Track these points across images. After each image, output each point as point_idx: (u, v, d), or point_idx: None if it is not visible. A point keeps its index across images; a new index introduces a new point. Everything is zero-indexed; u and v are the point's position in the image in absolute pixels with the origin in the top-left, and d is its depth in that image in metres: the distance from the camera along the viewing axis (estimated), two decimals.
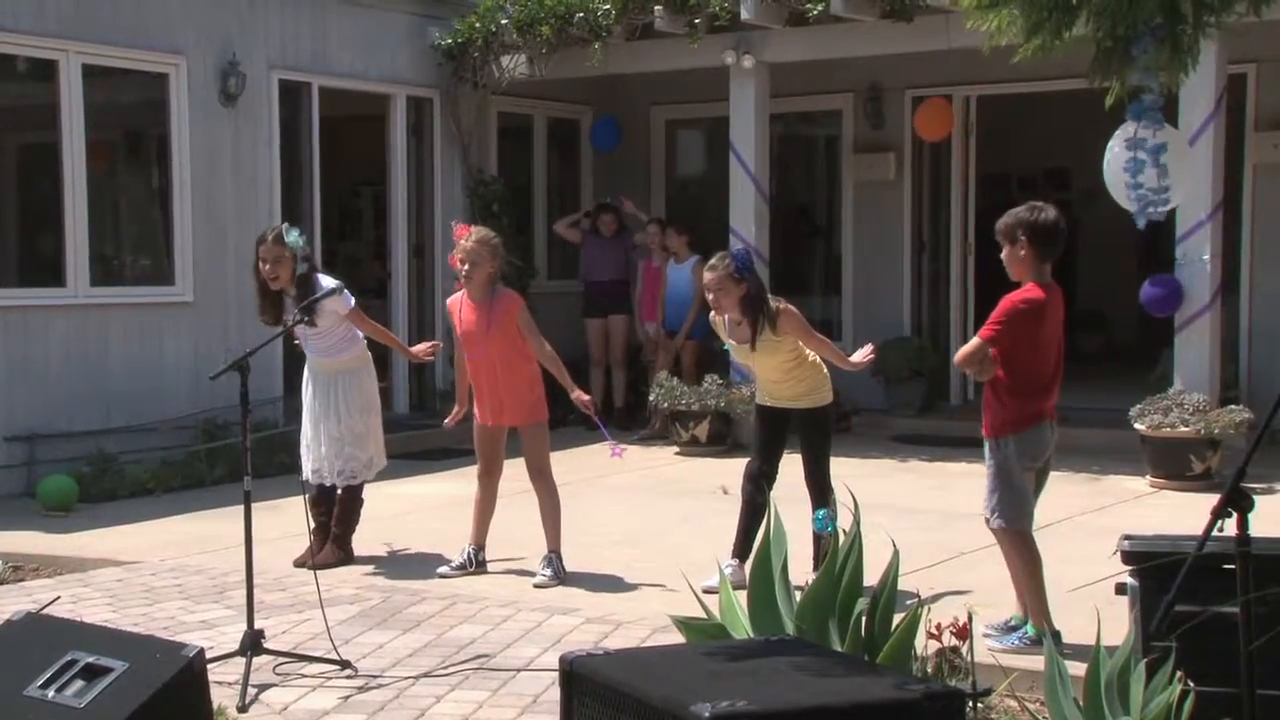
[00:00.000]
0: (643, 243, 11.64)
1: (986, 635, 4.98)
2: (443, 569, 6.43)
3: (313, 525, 6.57)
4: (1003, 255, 5.09)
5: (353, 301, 6.55)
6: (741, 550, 6.01)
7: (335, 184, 12.44)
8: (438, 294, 11.48)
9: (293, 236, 6.43)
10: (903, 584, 4.37)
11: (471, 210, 11.56)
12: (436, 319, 11.50)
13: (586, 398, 6.38)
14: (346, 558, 6.69)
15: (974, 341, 5.00)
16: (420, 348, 6.90)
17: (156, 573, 6.61)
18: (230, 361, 5.07)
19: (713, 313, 6.15)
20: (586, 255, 11.81)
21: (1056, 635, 4.87)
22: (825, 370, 6.13)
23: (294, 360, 6.85)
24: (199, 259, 9.63)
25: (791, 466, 6.13)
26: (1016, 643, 4.96)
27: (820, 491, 5.99)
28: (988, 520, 5.18)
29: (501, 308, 6.32)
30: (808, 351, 6.06)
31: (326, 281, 6.45)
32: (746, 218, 10.38)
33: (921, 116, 11.22)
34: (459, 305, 6.46)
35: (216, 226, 9.73)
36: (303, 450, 6.61)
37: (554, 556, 6.34)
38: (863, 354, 6.02)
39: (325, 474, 6.60)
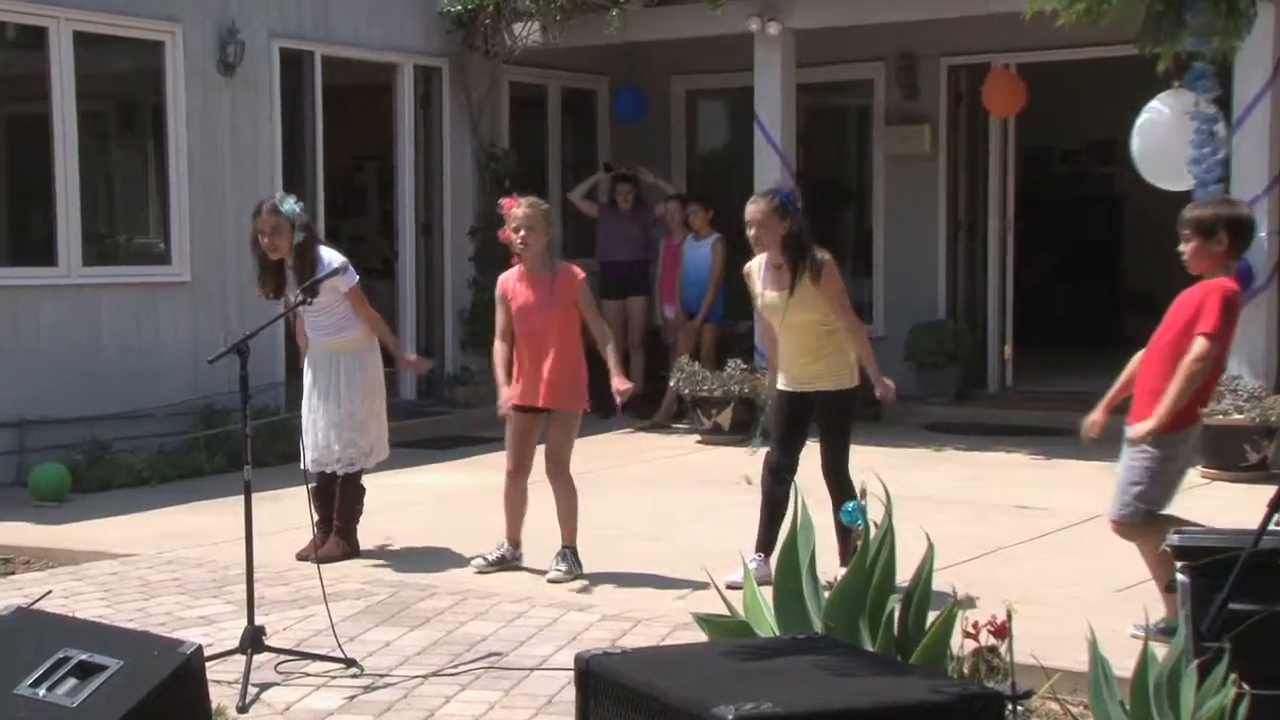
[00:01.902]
0: (663, 217, 11.61)
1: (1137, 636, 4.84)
2: (478, 560, 6.41)
3: (316, 517, 6.58)
4: (1187, 247, 5.09)
5: (356, 280, 6.56)
6: (766, 544, 6.01)
7: (339, 158, 12.44)
8: (448, 275, 11.49)
9: (289, 205, 6.46)
10: (937, 580, 4.35)
11: (482, 185, 11.56)
12: (447, 303, 11.51)
13: (627, 386, 6.30)
14: (352, 550, 6.70)
15: (1201, 343, 4.93)
16: (413, 358, 6.90)
17: (153, 566, 6.63)
18: (230, 344, 5.07)
19: (749, 263, 6.11)
20: (603, 232, 11.78)
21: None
22: (850, 353, 6.08)
23: (296, 342, 6.86)
24: (196, 237, 9.64)
25: (816, 457, 6.10)
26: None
27: (839, 487, 5.95)
28: (1120, 518, 5.09)
29: (564, 280, 6.29)
30: (832, 325, 6.02)
31: (328, 254, 6.48)
32: None
33: (990, 89, 11.11)
34: (512, 281, 6.38)
35: (214, 202, 9.74)
36: (303, 437, 6.60)
37: (569, 551, 6.34)
38: (886, 386, 6.00)
39: (325, 461, 6.61)
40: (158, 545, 7.02)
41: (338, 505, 6.70)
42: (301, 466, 6.50)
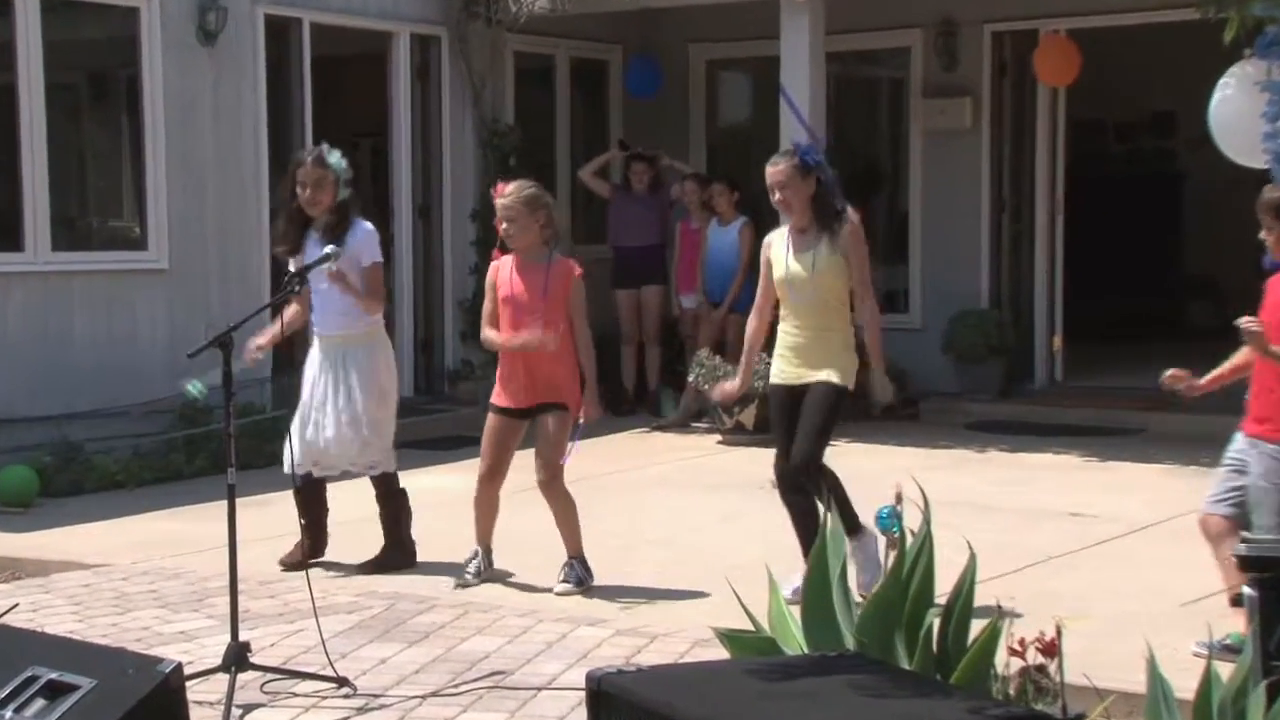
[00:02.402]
0: (679, 198, 11.60)
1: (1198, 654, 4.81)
2: (466, 576, 6.41)
3: (301, 521, 6.61)
4: (1269, 235, 5.04)
5: (379, 257, 6.61)
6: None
7: (330, 134, 12.41)
8: (447, 262, 11.50)
9: (335, 158, 6.53)
10: (980, 593, 4.34)
11: (485, 164, 11.57)
12: (447, 292, 11.52)
13: (594, 414, 6.34)
14: (406, 559, 6.70)
15: None
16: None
17: (128, 577, 6.65)
18: (211, 337, 5.08)
19: (770, 234, 6.10)
20: (615, 216, 11.77)
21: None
22: (854, 355, 6.07)
23: (292, 340, 6.86)
24: (175, 220, 9.66)
25: (845, 458, 6.09)
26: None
27: (810, 472, 5.87)
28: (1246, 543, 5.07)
29: (559, 274, 6.31)
30: (847, 313, 6.01)
31: (363, 225, 6.55)
32: None
33: (1041, 57, 11.07)
34: (505, 268, 6.40)
35: (194, 184, 9.76)
36: (293, 438, 6.57)
37: (576, 562, 6.34)
38: (885, 388, 5.98)
39: (331, 464, 6.57)
40: (133, 554, 7.04)
41: (381, 512, 6.70)
42: (291, 469, 6.52)
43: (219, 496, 5.10)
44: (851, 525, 5.81)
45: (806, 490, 5.93)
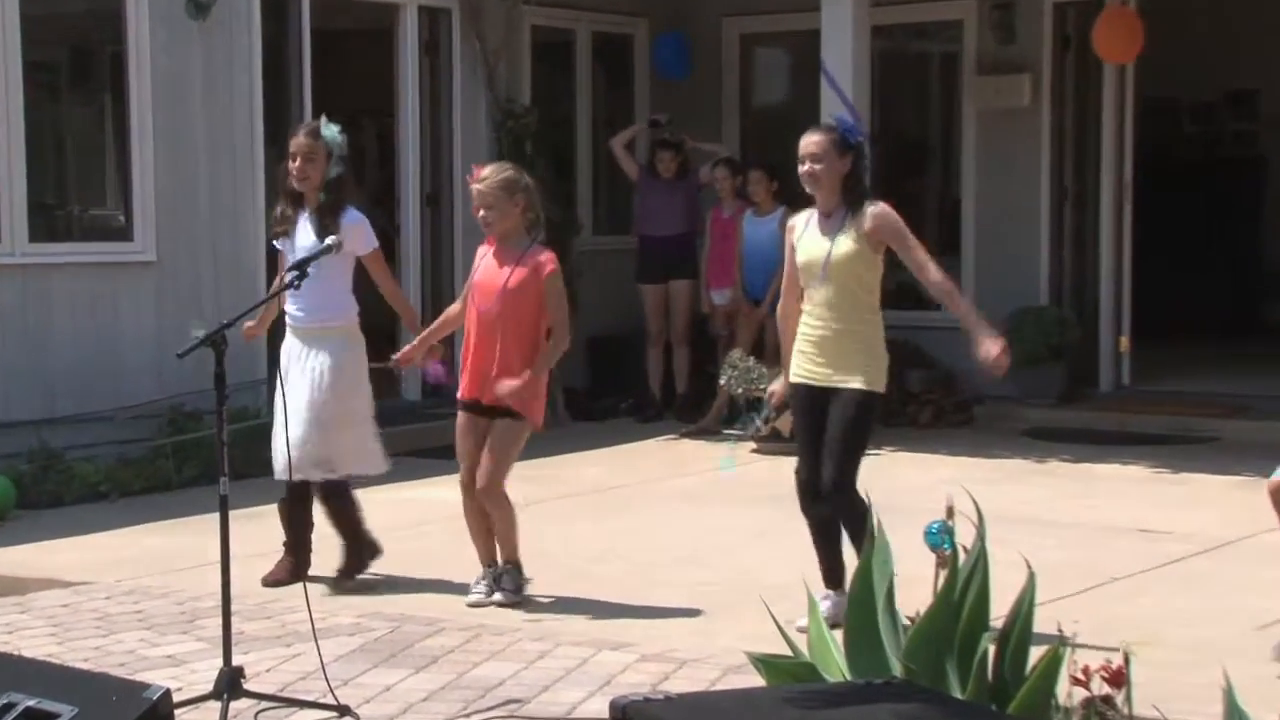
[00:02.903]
0: (709, 183, 11.59)
1: None
2: (473, 597, 6.45)
3: (285, 538, 6.73)
4: None
5: (376, 243, 6.63)
6: (832, 578, 6.00)
7: (331, 115, 12.47)
8: (458, 253, 11.51)
9: (330, 131, 6.59)
10: (1040, 615, 4.32)
11: (499, 148, 11.56)
12: (457, 284, 11.52)
13: (513, 384, 6.24)
14: (371, 552, 6.78)
15: None
16: (422, 342, 6.79)
17: (111, 596, 6.68)
18: (203, 335, 5.10)
19: (795, 216, 6.11)
20: (642, 204, 11.78)
21: None
22: (886, 355, 6.04)
23: (283, 330, 6.89)
24: (163, 209, 9.69)
25: (891, 469, 6.08)
26: None
27: (840, 507, 5.86)
28: None
29: (531, 264, 6.36)
30: (876, 306, 5.98)
31: (354, 213, 6.59)
32: None
33: (1101, 31, 11.02)
34: (483, 255, 6.53)
35: (184, 168, 9.79)
36: (275, 436, 6.60)
37: (512, 568, 6.45)
38: (993, 343, 5.87)
39: (304, 465, 6.61)
40: (118, 571, 7.06)
41: (332, 520, 6.74)
42: (282, 476, 6.53)
43: (211, 508, 5.12)
44: (839, 578, 5.83)
45: (827, 499, 5.92)
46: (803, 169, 5.98)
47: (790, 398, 6.18)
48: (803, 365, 6.04)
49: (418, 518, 8.14)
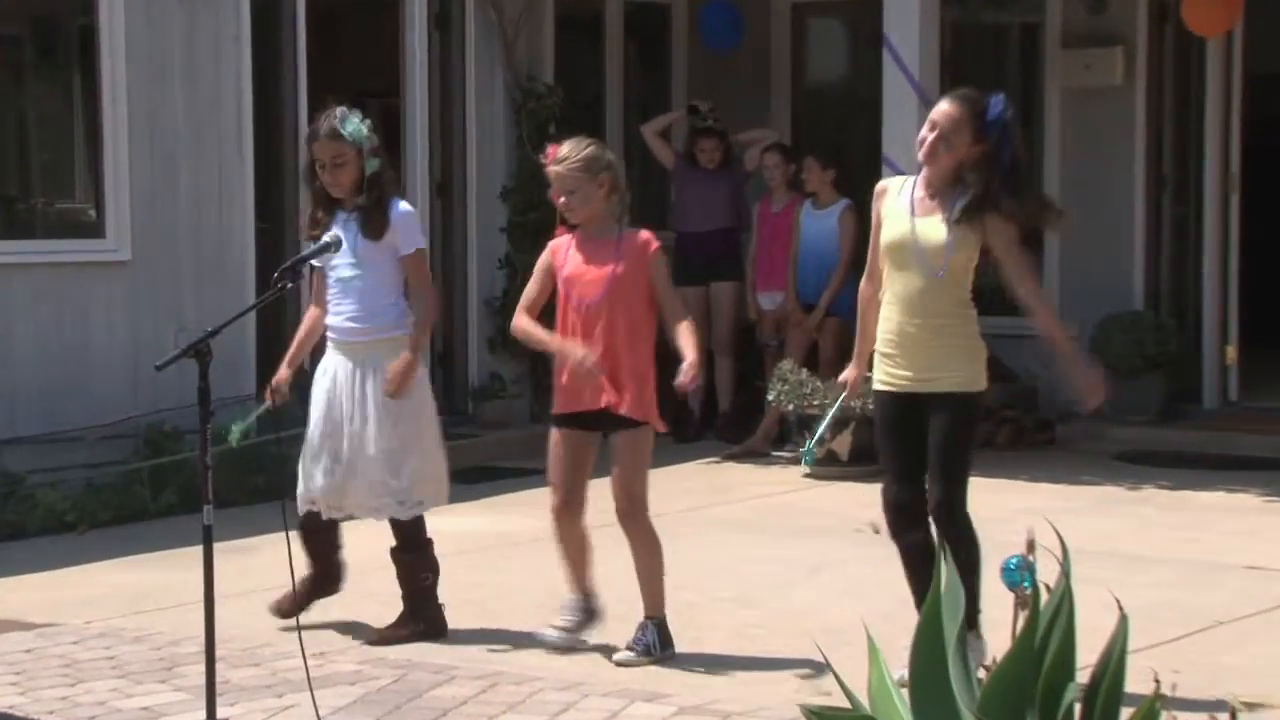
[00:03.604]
0: (756, 168, 11.59)
1: None
2: (548, 634, 6.42)
3: (310, 570, 6.66)
4: None
5: (423, 241, 6.63)
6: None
7: (328, 97, 12.52)
8: (472, 252, 11.55)
9: (353, 124, 6.52)
10: (1134, 664, 4.30)
11: (519, 132, 11.61)
12: (470, 288, 11.56)
13: (692, 361, 6.11)
14: (428, 628, 6.62)
15: None
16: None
17: (80, 639, 6.71)
18: (184, 345, 5.12)
19: (885, 181, 6.01)
20: (680, 196, 11.80)
21: None
22: (984, 349, 5.99)
23: (275, 341, 6.91)
24: (139, 202, 9.75)
25: (972, 494, 6.05)
26: None
27: (953, 529, 5.81)
28: None
29: (632, 249, 6.31)
30: (969, 299, 5.91)
31: (398, 206, 6.57)
32: (906, 141, 10.29)
33: (1191, 1, 11.01)
34: (564, 247, 6.39)
35: (163, 157, 9.84)
36: (306, 466, 6.60)
37: (651, 625, 6.30)
38: (1091, 379, 5.85)
39: (369, 505, 6.56)
40: (87, 612, 7.09)
41: (398, 571, 6.66)
42: (302, 506, 6.51)
43: (192, 540, 5.14)
44: (972, 617, 5.76)
45: (923, 523, 5.86)
46: (924, 135, 5.81)
47: (875, 408, 6.07)
48: (887, 369, 5.92)
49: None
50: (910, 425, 5.89)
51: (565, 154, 6.32)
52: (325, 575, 6.75)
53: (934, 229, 5.82)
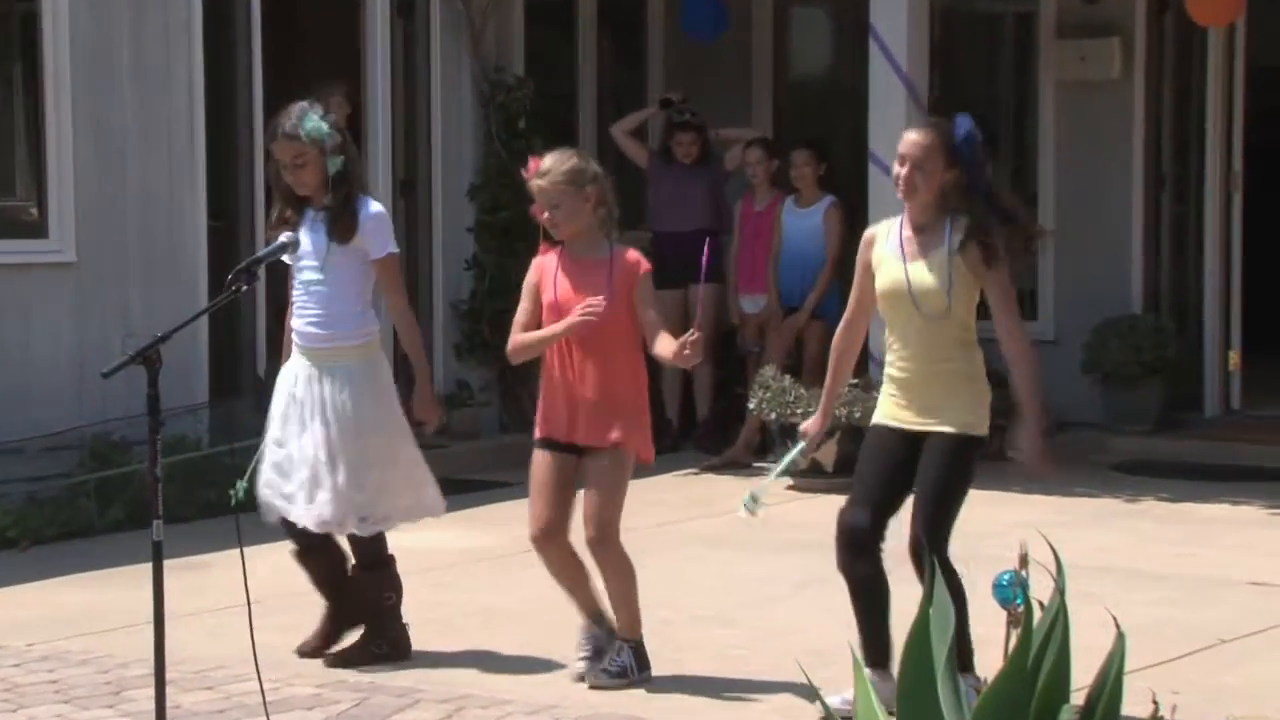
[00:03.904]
0: (737, 167, 11.59)
1: None
2: (580, 665, 6.36)
3: (326, 603, 6.68)
4: None
5: (395, 247, 6.64)
6: (876, 654, 5.88)
7: (286, 90, 12.50)
8: (437, 253, 11.54)
9: (311, 123, 6.52)
10: (1131, 684, 4.32)
11: (487, 126, 11.60)
12: (435, 291, 11.55)
13: (695, 337, 6.12)
14: (392, 651, 6.62)
15: None
16: (434, 403, 6.80)
17: (21, 663, 6.69)
18: (133, 351, 5.11)
19: (874, 228, 6.02)
20: (656, 193, 11.79)
21: None
22: (987, 390, 6.03)
23: (229, 347, 6.90)
24: (84, 200, 9.72)
25: (963, 506, 6.06)
26: None
27: (933, 565, 5.83)
28: None
29: (622, 267, 6.31)
30: (973, 340, 5.94)
31: (370, 207, 6.58)
32: (892, 136, 10.30)
33: None
34: (551, 267, 6.37)
35: (110, 152, 9.82)
36: (267, 476, 6.59)
37: (627, 647, 6.30)
38: (1035, 441, 5.86)
39: (331, 518, 6.54)
40: (29, 633, 7.07)
41: (358, 590, 6.67)
42: (293, 519, 6.52)
43: (141, 557, 5.13)
44: (884, 654, 5.78)
45: (877, 558, 5.87)
46: (898, 171, 5.88)
47: (869, 435, 6.10)
48: (890, 410, 5.97)
49: (403, 567, 8.13)
50: (899, 463, 5.91)
51: (548, 166, 6.27)
52: (339, 602, 6.72)
53: (928, 272, 5.86)
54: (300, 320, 6.59)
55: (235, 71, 10.53)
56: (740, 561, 8.38)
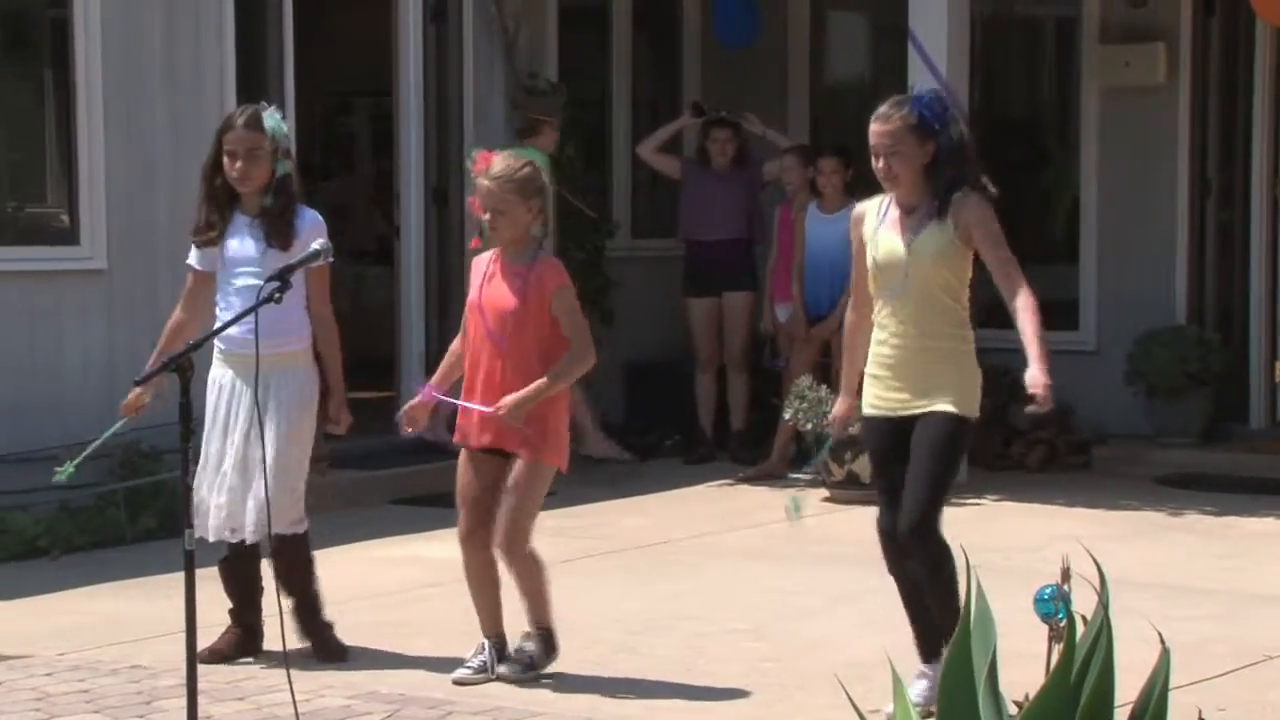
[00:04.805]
0: (776, 178, 11.58)
1: None
2: (460, 672, 6.48)
3: (230, 605, 6.76)
4: None
5: (331, 256, 6.67)
6: (928, 648, 5.95)
7: (317, 95, 12.57)
8: (467, 260, 11.53)
9: (274, 120, 6.61)
10: (1177, 701, 4.32)
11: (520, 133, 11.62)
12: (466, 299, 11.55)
13: (505, 414, 6.26)
14: (329, 649, 6.75)
15: None
16: (344, 413, 6.86)
17: (53, 672, 6.72)
18: (165, 359, 5.13)
19: (862, 204, 6.10)
20: (689, 200, 11.78)
21: None
22: (978, 372, 6.02)
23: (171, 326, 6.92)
24: (116, 206, 9.76)
25: (996, 521, 6.07)
26: None
27: (922, 550, 5.84)
28: None
29: (541, 275, 6.39)
30: (966, 319, 5.93)
31: (309, 212, 6.65)
32: None
33: None
34: (481, 267, 6.54)
35: (141, 157, 9.86)
36: (201, 492, 6.64)
37: (536, 635, 6.45)
38: (1039, 381, 5.84)
39: (250, 524, 6.62)
40: (60, 643, 7.10)
41: (287, 584, 6.75)
42: (209, 536, 6.56)
43: (172, 566, 5.15)
44: (939, 648, 5.79)
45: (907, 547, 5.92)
46: (876, 165, 5.90)
47: (864, 434, 6.16)
48: (877, 393, 5.99)
49: (414, 579, 8.17)
50: (902, 450, 5.93)
51: (499, 170, 6.36)
52: (243, 609, 6.81)
53: (920, 243, 5.89)
54: (239, 328, 6.37)
55: (267, 77, 10.56)
56: (775, 574, 8.38)
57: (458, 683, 6.43)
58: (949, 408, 5.86)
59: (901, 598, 6.05)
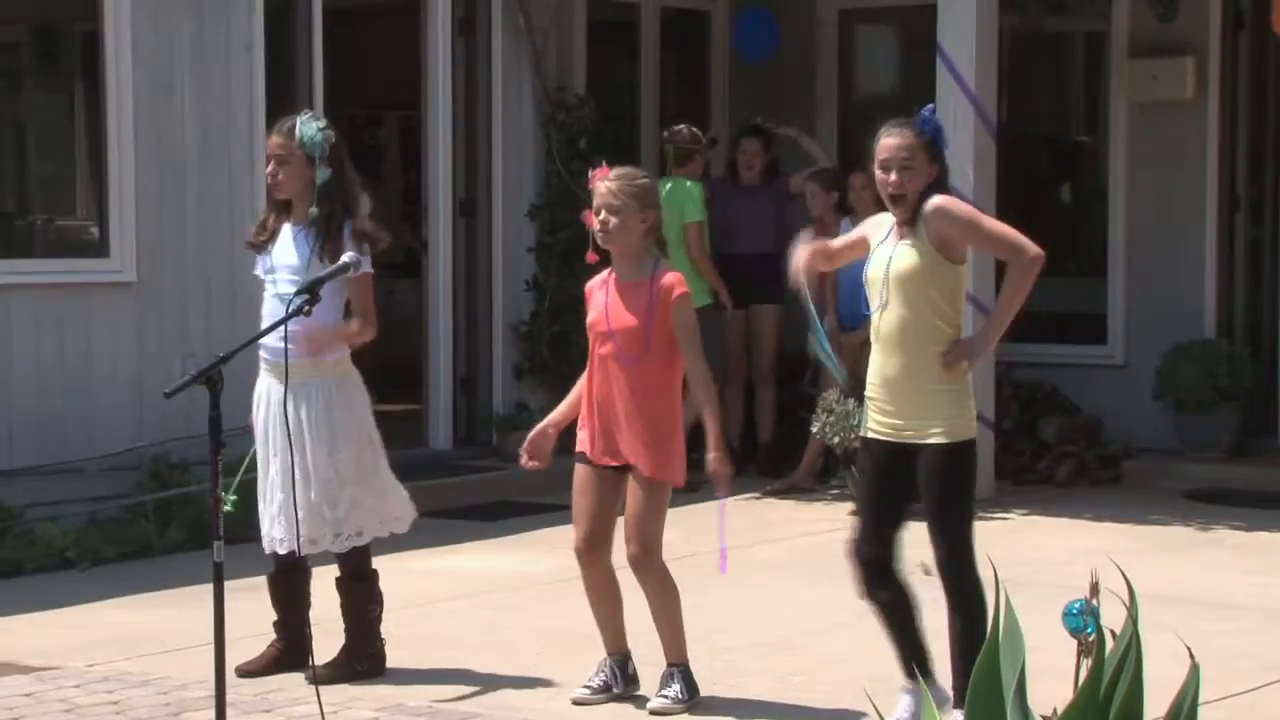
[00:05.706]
0: (800, 191, 11.57)
1: None
2: (578, 692, 6.41)
3: (275, 618, 6.76)
4: None
5: (368, 268, 6.65)
6: (921, 667, 5.90)
7: (346, 108, 12.60)
8: (497, 274, 11.56)
9: (310, 129, 6.59)
10: (1207, 716, 4.31)
11: (548, 146, 11.63)
12: (495, 312, 11.57)
13: (725, 472, 6.28)
14: (371, 668, 6.72)
15: None
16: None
17: (82, 684, 6.73)
18: (194, 371, 5.14)
19: (870, 219, 6.15)
20: (718, 213, 11.78)
21: None
22: (970, 393, 6.00)
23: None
24: (145, 219, 9.78)
25: (1024, 535, 6.06)
26: None
27: (959, 588, 5.85)
28: None
29: (662, 291, 6.33)
30: (957, 337, 5.93)
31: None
32: (962, 157, 10.30)
33: None
34: (595, 286, 6.46)
35: (171, 171, 9.89)
36: (259, 506, 6.67)
37: (677, 671, 6.33)
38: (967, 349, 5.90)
39: (303, 536, 6.59)
40: (89, 654, 7.12)
41: (342, 601, 6.77)
42: (267, 550, 6.57)
43: (201, 578, 5.15)
44: (926, 662, 5.81)
45: (893, 581, 5.93)
46: (888, 178, 5.90)
47: (860, 455, 6.17)
48: (875, 416, 6.01)
49: (450, 591, 8.19)
50: (894, 476, 5.95)
51: (620, 173, 6.36)
52: (287, 624, 6.80)
53: (895, 259, 5.92)
54: (276, 336, 6.42)
55: (296, 90, 10.57)
56: (803, 587, 8.38)
57: (576, 702, 6.36)
58: (941, 439, 5.85)
59: (883, 624, 6.06)
